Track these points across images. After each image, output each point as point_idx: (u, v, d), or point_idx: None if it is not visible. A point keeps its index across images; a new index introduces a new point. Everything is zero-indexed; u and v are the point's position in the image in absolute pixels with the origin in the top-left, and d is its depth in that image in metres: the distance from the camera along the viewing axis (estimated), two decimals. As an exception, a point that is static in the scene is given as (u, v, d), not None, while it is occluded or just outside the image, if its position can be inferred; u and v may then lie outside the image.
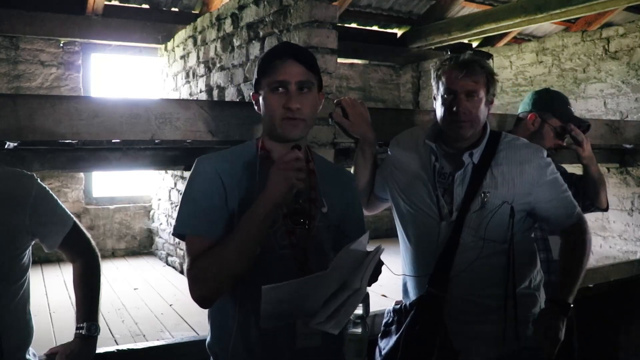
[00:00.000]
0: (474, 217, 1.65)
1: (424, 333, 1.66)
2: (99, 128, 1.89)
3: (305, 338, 1.33)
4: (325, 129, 2.33)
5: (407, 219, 1.80)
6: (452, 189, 1.70)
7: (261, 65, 1.39)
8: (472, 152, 1.70)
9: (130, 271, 4.41)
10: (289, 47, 1.41)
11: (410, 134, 1.92)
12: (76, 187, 4.82)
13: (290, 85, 1.34)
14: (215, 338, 1.42)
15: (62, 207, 1.63)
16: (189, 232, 1.33)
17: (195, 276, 1.27)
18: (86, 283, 1.70)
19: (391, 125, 2.43)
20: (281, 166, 1.23)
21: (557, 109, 2.24)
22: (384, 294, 3.12)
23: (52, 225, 1.59)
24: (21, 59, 4.57)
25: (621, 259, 4.19)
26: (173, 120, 2.01)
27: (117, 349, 2.13)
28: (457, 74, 1.65)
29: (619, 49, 4.41)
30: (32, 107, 1.78)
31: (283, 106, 1.34)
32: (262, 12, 2.90)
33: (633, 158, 3.90)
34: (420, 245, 1.76)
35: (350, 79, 6.07)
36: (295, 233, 1.35)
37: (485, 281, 1.68)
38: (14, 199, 1.49)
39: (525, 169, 1.68)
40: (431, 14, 5.54)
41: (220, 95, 3.51)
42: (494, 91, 1.71)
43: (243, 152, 1.43)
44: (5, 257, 1.48)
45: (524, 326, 1.71)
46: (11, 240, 1.49)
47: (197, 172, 1.37)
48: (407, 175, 1.80)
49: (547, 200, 1.70)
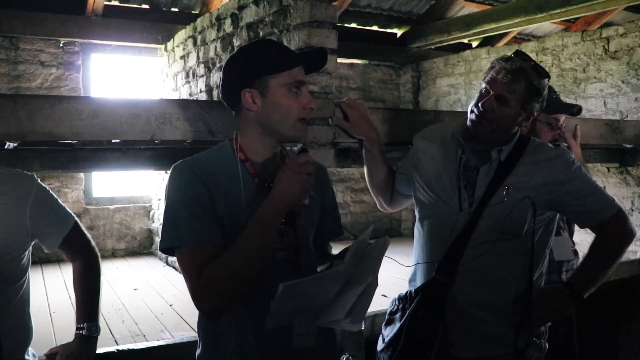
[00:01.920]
0: (495, 210, 1.66)
1: (427, 319, 1.66)
2: (99, 128, 1.88)
3: (302, 338, 1.31)
4: (325, 129, 2.33)
5: (426, 209, 1.81)
6: (475, 182, 1.71)
7: (274, 63, 1.31)
8: (502, 148, 1.70)
9: (130, 271, 4.41)
10: (289, 49, 1.40)
11: (438, 127, 1.94)
12: (76, 187, 4.82)
13: (305, 86, 1.32)
14: (207, 349, 1.35)
15: (62, 207, 1.63)
16: (184, 243, 1.23)
17: (205, 287, 1.20)
18: (86, 283, 1.69)
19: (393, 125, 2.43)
20: (296, 169, 1.21)
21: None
22: (384, 294, 3.11)
23: (52, 226, 1.59)
24: (21, 59, 4.57)
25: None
26: (173, 120, 2.01)
27: (117, 349, 2.13)
28: (500, 76, 1.65)
29: (619, 48, 4.41)
30: (32, 108, 1.78)
31: (304, 106, 1.31)
32: (262, 12, 2.90)
33: (633, 158, 3.90)
34: (435, 234, 1.77)
35: (350, 79, 6.07)
36: (286, 234, 1.33)
37: (493, 277, 1.68)
38: (13, 199, 1.48)
39: (551, 168, 1.68)
40: (431, 13, 5.54)
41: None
42: (533, 108, 1.70)
43: (219, 154, 1.36)
44: (5, 258, 1.47)
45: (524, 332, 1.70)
46: (11, 241, 1.48)
47: (177, 180, 1.28)
48: (432, 166, 1.80)
49: (576, 197, 1.68)
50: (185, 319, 3.08)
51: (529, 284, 1.66)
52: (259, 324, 1.23)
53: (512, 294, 1.68)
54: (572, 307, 1.70)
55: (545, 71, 1.71)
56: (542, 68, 1.71)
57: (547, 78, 1.71)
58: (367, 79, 6.19)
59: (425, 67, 6.23)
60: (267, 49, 1.37)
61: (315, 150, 2.25)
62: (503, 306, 1.68)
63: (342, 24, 5.43)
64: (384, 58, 6.05)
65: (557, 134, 2.24)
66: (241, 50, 1.39)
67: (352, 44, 5.52)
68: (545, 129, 2.22)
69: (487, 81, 1.69)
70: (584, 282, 1.69)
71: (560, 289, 1.71)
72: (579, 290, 1.67)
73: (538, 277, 1.77)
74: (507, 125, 1.69)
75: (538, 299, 1.69)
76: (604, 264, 1.70)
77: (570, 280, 1.71)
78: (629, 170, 4.23)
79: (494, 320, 1.69)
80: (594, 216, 1.69)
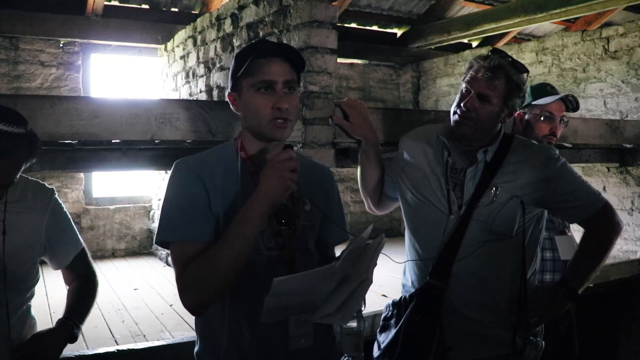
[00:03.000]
0: (484, 211, 1.66)
1: (423, 325, 1.66)
2: (98, 128, 1.89)
3: (298, 339, 1.31)
4: (325, 129, 2.33)
5: (415, 213, 1.81)
6: (462, 184, 1.71)
7: (241, 64, 1.30)
8: (487, 149, 1.70)
9: (131, 271, 4.41)
10: (272, 45, 1.35)
11: (423, 130, 1.92)
12: (76, 188, 4.82)
13: (278, 85, 1.29)
14: (204, 345, 1.36)
15: (74, 228, 1.64)
16: (176, 238, 1.27)
17: (188, 283, 1.23)
18: (83, 292, 1.66)
19: (391, 125, 2.43)
20: (276, 166, 1.20)
21: (536, 97, 2.24)
22: (384, 294, 3.12)
23: (64, 244, 1.61)
24: (21, 60, 4.57)
25: (621, 258, 4.20)
26: (173, 120, 2.01)
27: (117, 349, 2.14)
28: (480, 74, 1.66)
29: (619, 48, 4.41)
30: (32, 108, 1.78)
31: (272, 107, 1.29)
32: (261, 12, 2.90)
33: (633, 157, 3.90)
34: (426, 238, 1.76)
35: (350, 79, 6.07)
36: (281, 234, 1.33)
37: (487, 278, 1.68)
38: (33, 209, 1.53)
39: (536, 165, 1.68)
40: (431, 13, 5.54)
41: (220, 95, 3.51)
42: (514, 104, 1.70)
43: (222, 153, 1.37)
44: (25, 259, 1.50)
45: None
46: (30, 245, 1.52)
47: (177, 177, 1.31)
48: (419, 170, 1.80)
49: (564, 193, 1.68)
50: (185, 319, 3.08)
51: (524, 283, 1.66)
52: (254, 322, 1.23)
53: (508, 294, 1.68)
54: (568, 304, 1.70)
55: (524, 66, 1.72)
56: (520, 63, 1.71)
57: (526, 73, 1.71)
58: (367, 79, 6.19)
59: (425, 67, 6.23)
60: (247, 49, 1.35)
61: (315, 150, 2.25)
62: (499, 307, 1.68)
63: (342, 24, 5.43)
64: (383, 58, 6.05)
65: (553, 126, 2.22)
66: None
67: (352, 44, 5.52)
68: (539, 123, 2.22)
69: (467, 81, 1.69)
70: (578, 279, 1.69)
71: (555, 287, 1.70)
72: (574, 287, 1.67)
73: (531, 276, 1.77)
74: (490, 122, 1.69)
75: (534, 298, 1.68)
76: (596, 258, 1.70)
77: (565, 277, 1.71)
78: (629, 170, 4.23)
79: (490, 321, 1.68)
80: (582, 211, 1.70)
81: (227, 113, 2.13)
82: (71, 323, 1.55)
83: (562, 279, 1.70)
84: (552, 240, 2.17)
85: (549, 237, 2.16)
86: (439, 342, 1.65)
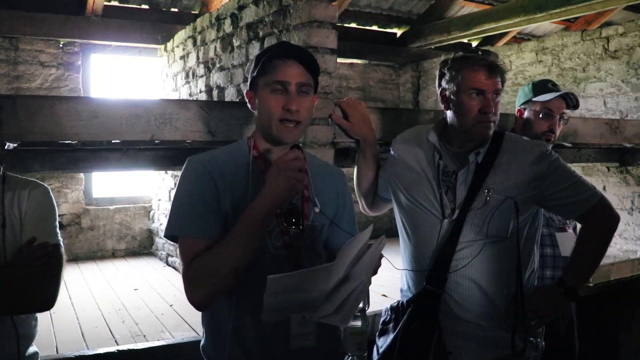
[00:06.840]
0: (477, 214, 1.65)
1: (420, 331, 1.66)
2: (98, 128, 1.89)
3: (300, 339, 1.32)
4: (325, 129, 2.33)
5: (408, 217, 1.80)
6: (455, 187, 1.70)
7: (259, 63, 1.34)
8: (479, 151, 1.69)
9: (131, 271, 4.41)
10: (289, 47, 1.38)
11: (414, 132, 1.91)
12: (76, 188, 4.82)
13: (291, 86, 1.31)
14: (210, 341, 1.38)
15: (54, 225, 1.57)
16: (183, 233, 1.29)
17: (193, 278, 1.24)
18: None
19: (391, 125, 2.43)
20: (282, 166, 1.21)
21: (537, 93, 2.24)
22: (384, 294, 3.12)
23: (37, 234, 1.51)
24: (21, 60, 4.57)
25: (621, 258, 4.20)
26: (173, 120, 2.01)
27: (117, 349, 2.14)
28: (486, 74, 1.65)
29: (619, 48, 4.41)
30: (32, 108, 1.78)
31: (282, 107, 1.31)
32: (261, 12, 2.90)
33: (633, 157, 3.91)
34: (421, 243, 1.76)
35: (350, 78, 6.07)
36: (289, 233, 1.34)
37: (484, 281, 1.67)
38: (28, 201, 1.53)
39: (528, 163, 1.67)
40: (431, 13, 5.54)
41: (220, 95, 3.51)
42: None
43: (235, 151, 1.40)
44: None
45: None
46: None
47: (188, 173, 1.33)
48: (411, 173, 1.79)
49: (559, 189, 1.67)
50: (185, 319, 3.08)
51: (520, 284, 1.64)
52: (259, 320, 1.23)
53: (505, 295, 1.67)
54: (567, 303, 1.69)
55: (495, 53, 1.74)
56: (490, 51, 1.74)
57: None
58: (367, 78, 6.19)
59: (425, 67, 6.23)
60: (266, 50, 1.39)
61: (315, 150, 2.25)
62: (497, 309, 1.67)
63: (342, 24, 5.43)
64: (383, 58, 6.05)
65: (552, 123, 2.20)
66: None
67: (352, 44, 5.52)
68: (539, 120, 2.21)
69: (473, 87, 1.65)
70: (577, 277, 1.68)
71: (553, 286, 1.68)
72: (573, 286, 1.65)
73: (530, 275, 1.76)
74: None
75: (533, 298, 1.67)
76: (595, 253, 1.69)
77: (563, 277, 1.69)
78: (629, 169, 4.23)
79: (489, 323, 1.68)
80: (579, 206, 1.68)
81: (227, 113, 2.13)
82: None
83: (561, 278, 1.69)
84: (552, 237, 2.17)
85: (549, 233, 2.15)
86: (438, 347, 1.65)
